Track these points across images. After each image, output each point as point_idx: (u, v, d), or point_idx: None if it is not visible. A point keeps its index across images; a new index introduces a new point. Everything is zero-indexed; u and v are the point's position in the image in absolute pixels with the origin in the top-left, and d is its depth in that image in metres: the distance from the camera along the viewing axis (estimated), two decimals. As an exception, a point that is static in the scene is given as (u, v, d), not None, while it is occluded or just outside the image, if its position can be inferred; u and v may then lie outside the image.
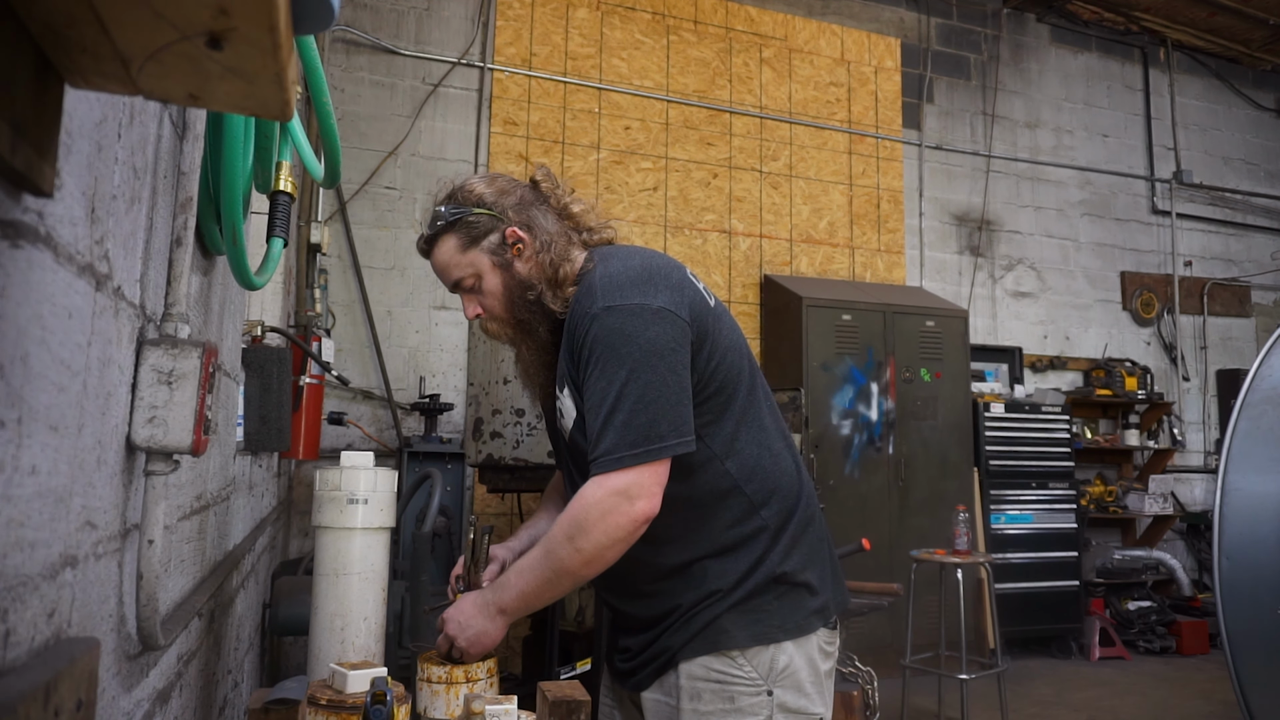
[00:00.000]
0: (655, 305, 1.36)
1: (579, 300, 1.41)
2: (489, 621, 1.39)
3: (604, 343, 1.34)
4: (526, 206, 1.50)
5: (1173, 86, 7.59)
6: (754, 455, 1.45)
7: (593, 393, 1.35)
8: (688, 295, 1.43)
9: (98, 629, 0.82)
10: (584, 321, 1.37)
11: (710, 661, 1.40)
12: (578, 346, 1.39)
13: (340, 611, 1.53)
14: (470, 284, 1.50)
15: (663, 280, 1.41)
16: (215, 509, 1.64)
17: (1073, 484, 6.07)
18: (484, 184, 1.50)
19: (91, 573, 0.78)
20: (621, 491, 1.31)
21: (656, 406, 1.32)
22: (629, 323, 1.34)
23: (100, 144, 0.74)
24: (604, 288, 1.38)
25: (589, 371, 1.36)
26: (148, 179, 0.93)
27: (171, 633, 1.03)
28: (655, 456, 1.32)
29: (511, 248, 1.47)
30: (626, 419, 1.31)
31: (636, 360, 1.33)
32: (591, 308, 1.37)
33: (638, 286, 1.38)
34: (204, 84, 0.59)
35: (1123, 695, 5.00)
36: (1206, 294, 7.41)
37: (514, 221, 1.48)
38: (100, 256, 0.76)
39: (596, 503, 1.32)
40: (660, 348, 1.34)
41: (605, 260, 1.46)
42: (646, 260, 1.45)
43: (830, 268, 6.20)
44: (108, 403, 0.80)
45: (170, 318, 0.93)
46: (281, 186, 1.39)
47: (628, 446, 1.31)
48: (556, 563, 1.35)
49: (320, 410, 3.90)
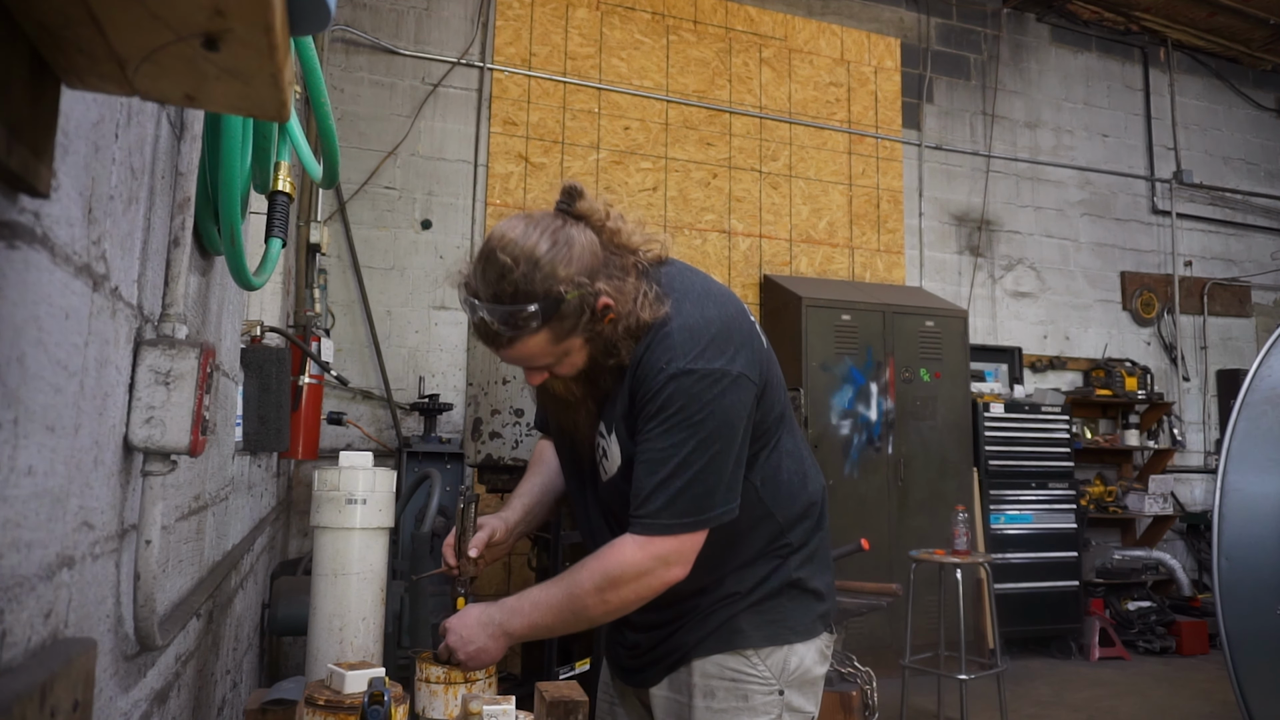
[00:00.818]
0: (735, 371, 1.30)
1: (652, 350, 1.32)
2: (490, 640, 1.39)
3: (678, 406, 1.28)
4: (605, 264, 1.32)
5: (1173, 86, 7.59)
6: (787, 480, 1.46)
7: (653, 450, 1.30)
8: (758, 350, 1.38)
9: (95, 629, 0.82)
10: (658, 377, 1.30)
11: (725, 660, 1.42)
12: (645, 398, 1.32)
13: (339, 612, 1.53)
14: (553, 365, 1.37)
15: (740, 337, 1.35)
16: (214, 509, 1.64)
17: (1072, 484, 6.07)
18: (564, 254, 1.27)
19: (89, 573, 0.78)
20: (661, 557, 1.31)
21: (715, 478, 1.30)
22: (708, 390, 1.28)
23: (97, 145, 0.74)
24: (682, 344, 1.30)
25: (653, 427, 1.30)
26: (145, 179, 0.93)
27: (169, 633, 1.03)
28: (705, 526, 1.32)
29: (603, 319, 1.31)
30: (684, 487, 1.29)
31: (710, 431, 1.28)
32: (669, 366, 1.29)
33: (718, 345, 1.31)
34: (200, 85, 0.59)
35: (1122, 695, 5.00)
36: (1206, 294, 7.41)
37: (603, 290, 1.30)
38: (97, 257, 0.76)
39: (635, 564, 1.31)
40: (733, 418, 1.30)
41: (679, 303, 1.35)
42: (722, 309, 1.36)
43: (830, 268, 6.19)
44: (105, 403, 0.80)
45: (168, 318, 0.93)
46: (280, 187, 1.39)
47: (679, 514, 1.29)
48: (579, 607, 1.35)
49: (319, 410, 3.90)
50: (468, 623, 1.42)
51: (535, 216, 1.33)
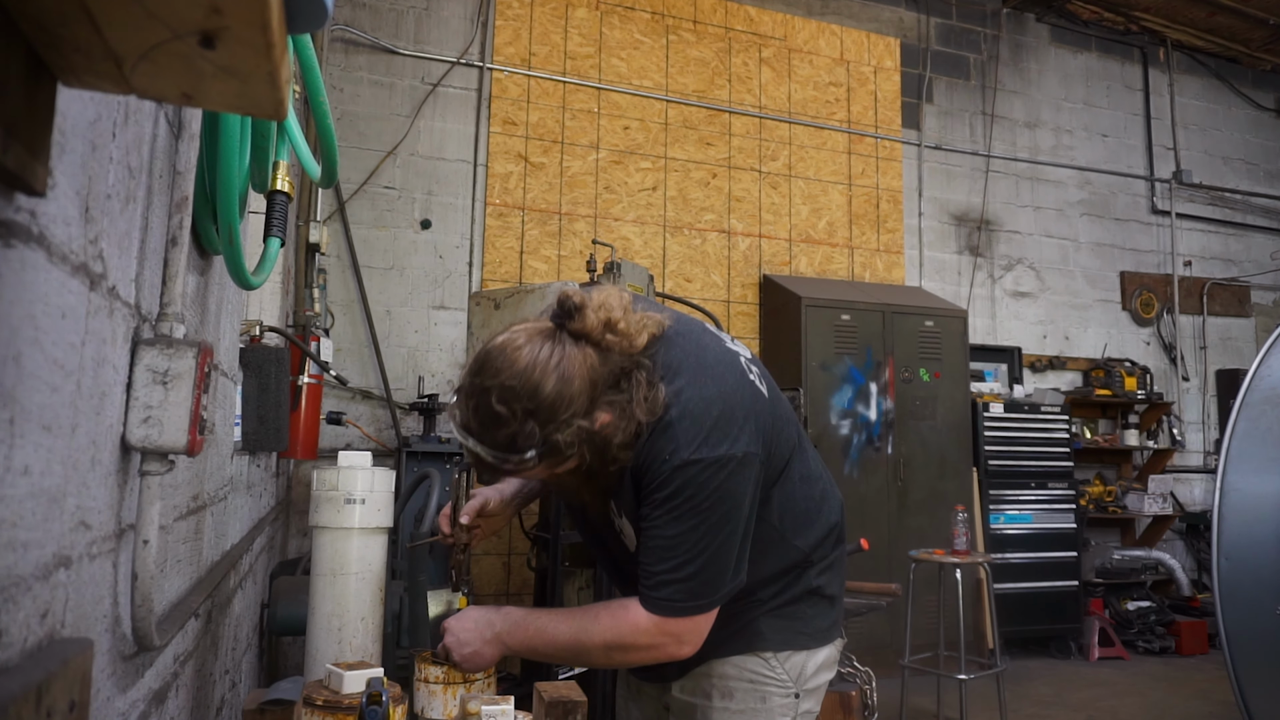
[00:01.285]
0: (740, 453, 1.28)
1: (654, 438, 1.29)
2: (485, 645, 1.40)
3: (685, 495, 1.27)
4: (605, 385, 1.26)
5: (1172, 86, 7.59)
6: (804, 509, 1.47)
7: (662, 536, 1.30)
8: (761, 415, 1.35)
9: (92, 630, 0.81)
10: (662, 468, 1.28)
11: (744, 661, 1.45)
12: (650, 487, 1.30)
13: (337, 612, 1.53)
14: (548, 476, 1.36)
15: (742, 411, 1.32)
16: (212, 509, 1.63)
17: (1072, 484, 6.07)
18: (566, 393, 1.22)
19: (86, 573, 0.78)
20: (675, 635, 1.32)
21: (725, 560, 1.30)
22: (713, 478, 1.26)
23: (94, 143, 0.74)
24: (684, 434, 1.27)
25: (659, 514, 1.29)
26: (143, 178, 0.92)
27: (167, 633, 1.03)
28: (714, 607, 1.33)
29: (601, 434, 1.28)
30: (695, 573, 1.29)
31: (718, 517, 1.28)
32: (673, 457, 1.27)
33: (721, 429, 1.28)
34: (197, 83, 0.58)
35: (1122, 695, 5.00)
36: (1206, 294, 7.41)
37: (603, 413, 1.27)
38: (94, 256, 0.75)
39: (647, 634, 1.32)
40: (739, 499, 1.29)
41: (676, 383, 1.30)
42: (720, 385, 1.32)
43: (829, 268, 6.19)
44: (102, 403, 0.80)
45: (165, 317, 0.93)
46: (278, 186, 1.38)
47: (691, 597, 1.30)
48: (582, 652, 1.37)
49: (319, 410, 3.90)
50: (466, 625, 1.42)
51: (530, 341, 1.24)
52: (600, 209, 5.64)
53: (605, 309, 1.27)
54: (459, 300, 5.23)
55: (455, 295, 5.24)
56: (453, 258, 5.28)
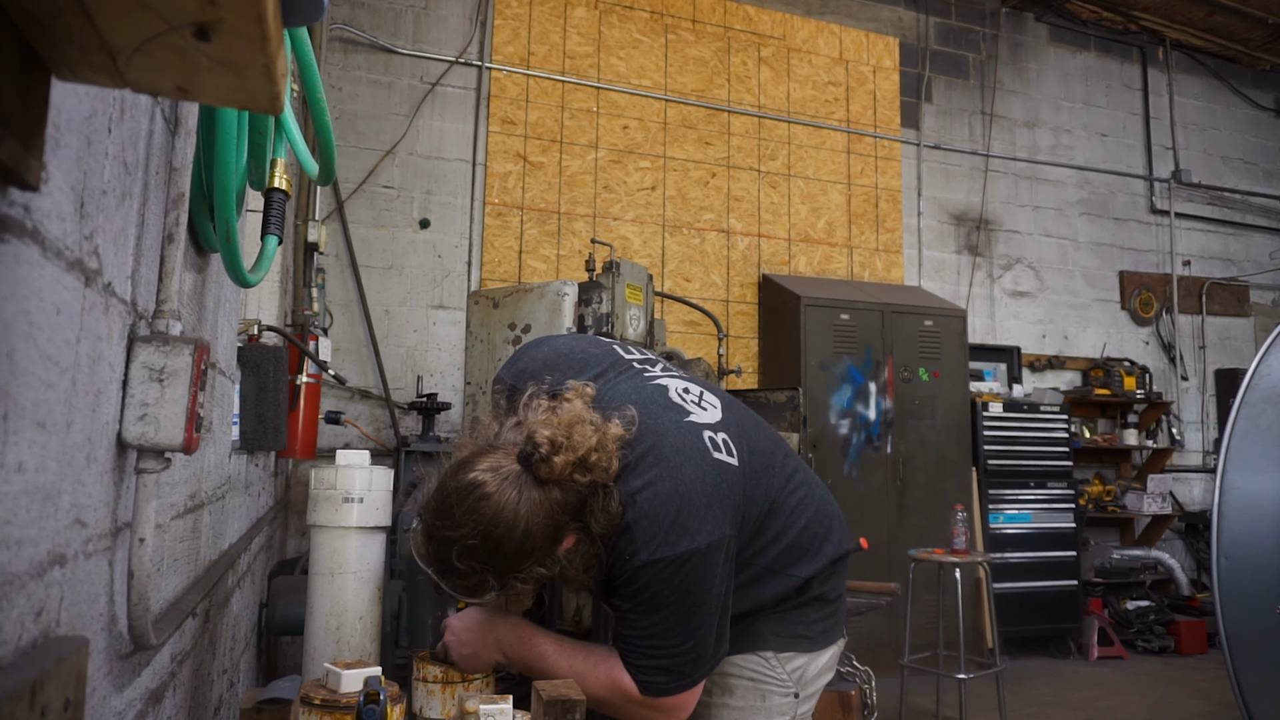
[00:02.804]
0: (703, 544, 1.26)
1: (618, 544, 1.27)
2: (485, 649, 1.40)
3: (651, 591, 1.27)
4: (568, 512, 1.25)
5: (1171, 86, 7.59)
6: (795, 543, 1.45)
7: (637, 628, 1.30)
8: (726, 494, 1.31)
9: (87, 628, 0.81)
10: (624, 567, 1.27)
11: (745, 659, 1.45)
12: (618, 583, 1.30)
13: (335, 611, 1.52)
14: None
15: (702, 505, 1.27)
16: (210, 508, 1.63)
17: (1071, 483, 6.07)
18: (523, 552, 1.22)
19: (81, 571, 0.78)
20: (664, 709, 1.33)
21: (704, 642, 1.30)
22: (676, 574, 1.25)
23: (90, 138, 0.73)
24: (642, 533, 1.25)
25: (630, 606, 1.30)
26: (139, 174, 0.92)
27: (164, 632, 1.03)
28: (698, 683, 1.34)
29: (562, 559, 1.28)
30: (673, 659, 1.30)
31: (688, 607, 1.27)
32: (633, 559, 1.25)
33: (679, 527, 1.25)
34: (193, 76, 0.58)
35: (1121, 695, 5.00)
36: (1205, 293, 7.41)
37: (569, 534, 1.27)
38: (90, 252, 0.75)
39: (638, 704, 1.33)
40: (707, 586, 1.28)
41: (633, 482, 1.27)
42: (678, 483, 1.28)
43: (828, 267, 6.19)
44: (98, 400, 0.80)
45: (162, 314, 0.93)
46: (276, 184, 1.38)
47: (675, 679, 1.31)
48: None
49: (317, 409, 3.89)
50: (468, 625, 1.43)
51: (498, 489, 1.21)
52: (599, 208, 5.63)
53: (573, 450, 1.22)
54: (458, 300, 5.22)
55: (454, 295, 5.23)
56: (451, 257, 5.27)
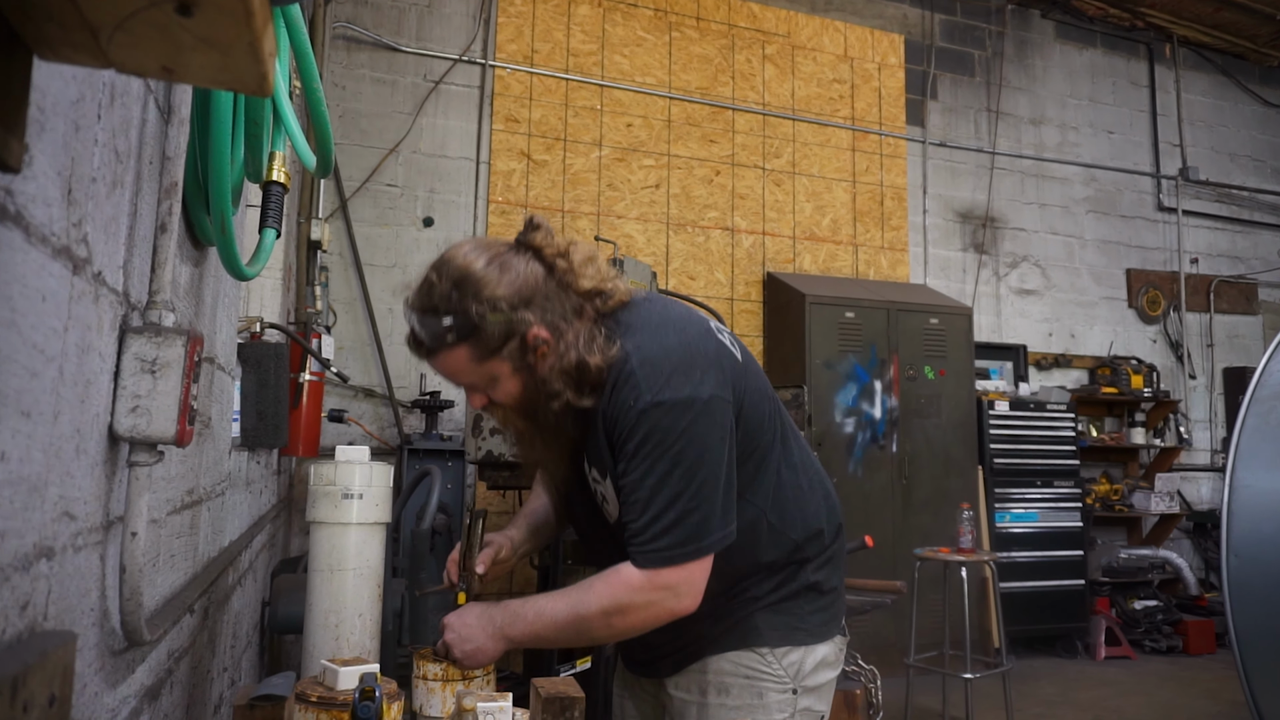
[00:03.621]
0: (705, 395, 1.28)
1: (618, 390, 1.29)
2: (489, 641, 1.37)
3: (654, 442, 1.26)
4: (545, 299, 1.30)
5: (1178, 82, 7.54)
6: (794, 500, 1.44)
7: (639, 487, 1.28)
8: (726, 367, 1.35)
9: (77, 623, 0.80)
10: (628, 415, 1.27)
11: (740, 657, 1.42)
12: (620, 438, 1.30)
13: (335, 608, 1.51)
14: (483, 387, 1.35)
15: (703, 359, 1.31)
16: (209, 504, 1.62)
17: (1078, 482, 6.03)
18: (495, 276, 1.27)
19: (70, 565, 0.76)
20: (670, 588, 1.30)
21: (710, 502, 1.28)
22: (680, 419, 1.26)
23: (77, 123, 0.72)
24: (645, 378, 1.27)
25: (633, 464, 1.28)
26: (131, 163, 0.91)
27: (158, 628, 1.02)
28: (705, 553, 1.30)
29: (534, 351, 1.30)
30: (677, 519, 1.27)
31: (691, 458, 1.26)
32: (636, 402, 1.27)
33: (682, 373, 1.28)
34: (177, 55, 0.56)
35: (1129, 695, 4.97)
36: (1213, 291, 7.36)
37: (535, 322, 1.29)
38: (78, 240, 0.74)
39: (642, 592, 1.30)
40: (712, 443, 1.28)
41: (635, 338, 1.32)
42: (681, 335, 1.33)
43: (833, 265, 6.17)
44: (88, 390, 0.78)
45: (154, 305, 0.91)
46: (274, 177, 1.37)
47: (679, 545, 1.28)
48: (584, 627, 1.34)
49: (320, 407, 3.89)
50: (467, 621, 1.40)
51: (485, 241, 1.33)
52: (603, 206, 5.62)
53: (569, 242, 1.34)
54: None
55: (458, 293, 5.22)
56: (455, 255, 5.25)
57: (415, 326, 1.30)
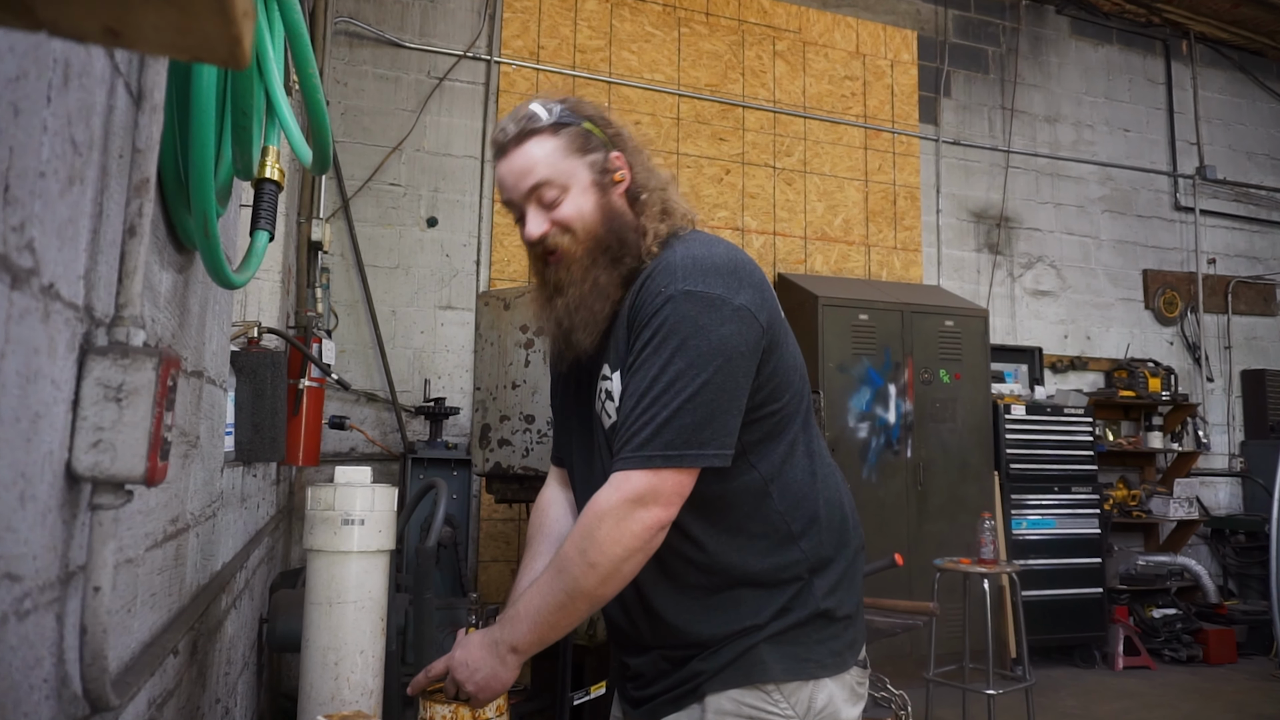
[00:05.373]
0: (736, 302, 1.22)
1: (653, 276, 1.26)
2: (499, 663, 1.26)
3: (671, 327, 1.20)
4: (636, 149, 1.40)
5: (1195, 80, 7.40)
6: (801, 483, 1.32)
7: (642, 375, 1.21)
8: (768, 299, 1.29)
9: (25, 700, 0.67)
10: (655, 300, 1.22)
11: (742, 695, 1.27)
12: (640, 324, 1.24)
13: (334, 645, 1.39)
14: (553, 196, 1.30)
15: (747, 276, 1.26)
16: (197, 529, 1.49)
17: (1095, 488, 5.90)
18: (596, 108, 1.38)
19: (13, 635, 0.64)
20: (638, 499, 1.18)
21: (708, 410, 1.19)
22: (706, 313, 1.20)
23: (17, 106, 0.60)
24: (685, 268, 1.23)
25: (644, 351, 1.22)
26: (95, 156, 0.78)
27: (130, 686, 0.89)
28: (689, 464, 1.20)
29: (613, 174, 1.34)
30: (672, 415, 1.18)
31: (703, 355, 1.19)
32: (667, 288, 1.22)
33: (722, 276, 1.23)
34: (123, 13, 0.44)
35: (1151, 708, 4.84)
36: (1231, 292, 7.22)
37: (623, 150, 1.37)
38: (20, 246, 0.61)
39: (611, 509, 1.19)
40: (731, 349, 1.20)
41: (687, 242, 1.31)
42: (731, 251, 1.30)
43: (846, 266, 6.04)
44: (35, 426, 0.66)
45: (121, 321, 0.79)
46: (267, 174, 1.24)
47: (663, 445, 1.18)
48: (570, 583, 1.21)
49: (321, 414, 3.76)
50: (471, 650, 1.29)
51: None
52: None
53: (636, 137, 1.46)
54: (467, 300, 5.09)
55: (463, 295, 5.10)
56: (460, 256, 5.14)
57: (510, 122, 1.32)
